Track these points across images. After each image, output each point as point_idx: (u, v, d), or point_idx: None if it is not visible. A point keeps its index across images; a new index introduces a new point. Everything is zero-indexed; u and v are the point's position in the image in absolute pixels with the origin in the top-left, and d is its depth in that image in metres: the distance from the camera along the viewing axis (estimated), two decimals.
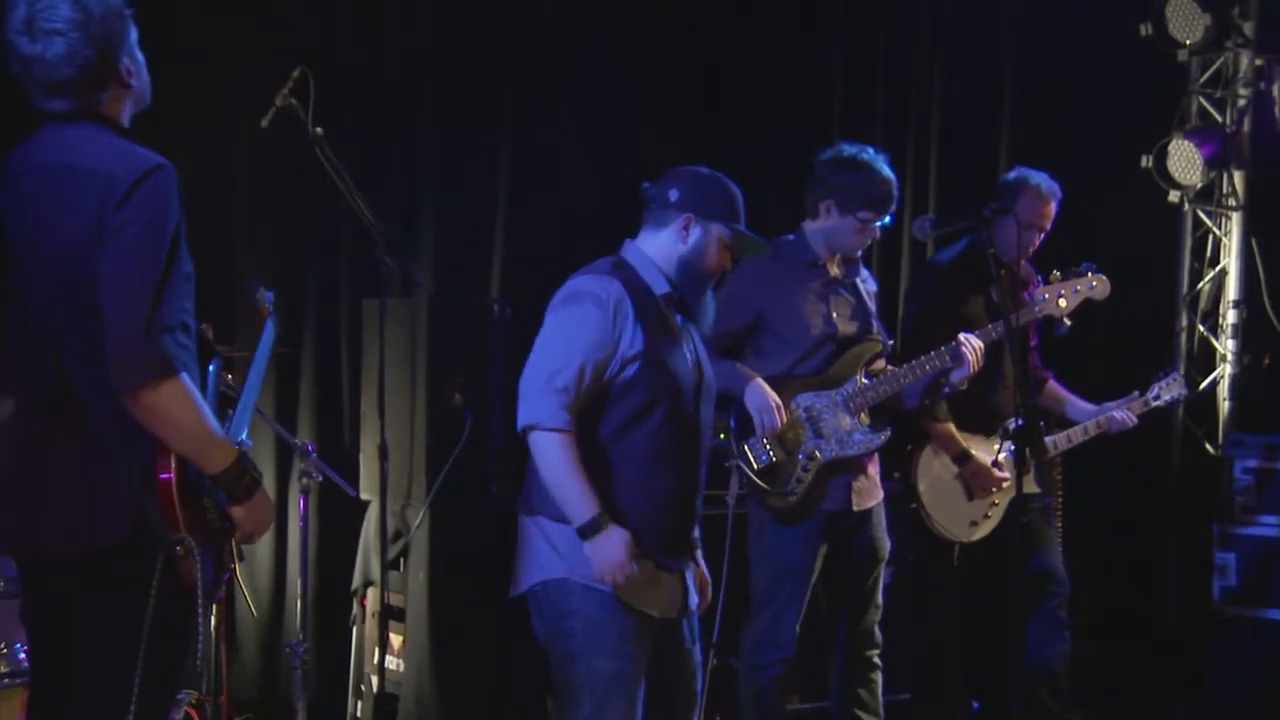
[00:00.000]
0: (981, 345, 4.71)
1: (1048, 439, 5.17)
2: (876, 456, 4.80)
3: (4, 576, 4.33)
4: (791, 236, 4.80)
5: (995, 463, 5.10)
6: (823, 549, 4.70)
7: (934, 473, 5.11)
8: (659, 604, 3.68)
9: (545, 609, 3.67)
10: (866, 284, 4.87)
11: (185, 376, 2.86)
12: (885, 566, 5.00)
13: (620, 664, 3.61)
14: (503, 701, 5.33)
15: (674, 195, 3.75)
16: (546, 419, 3.57)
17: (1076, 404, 5.40)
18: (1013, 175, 5.25)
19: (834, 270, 4.76)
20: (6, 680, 4.26)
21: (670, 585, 3.71)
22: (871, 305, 4.83)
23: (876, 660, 4.80)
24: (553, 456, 3.57)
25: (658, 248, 3.76)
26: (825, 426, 4.64)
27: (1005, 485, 5.09)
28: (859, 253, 4.81)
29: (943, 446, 5.10)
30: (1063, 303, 4.95)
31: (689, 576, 3.80)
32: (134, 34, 3.03)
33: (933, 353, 4.72)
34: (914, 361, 4.71)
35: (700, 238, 3.74)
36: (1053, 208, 5.18)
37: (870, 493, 4.76)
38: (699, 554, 3.91)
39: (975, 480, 5.08)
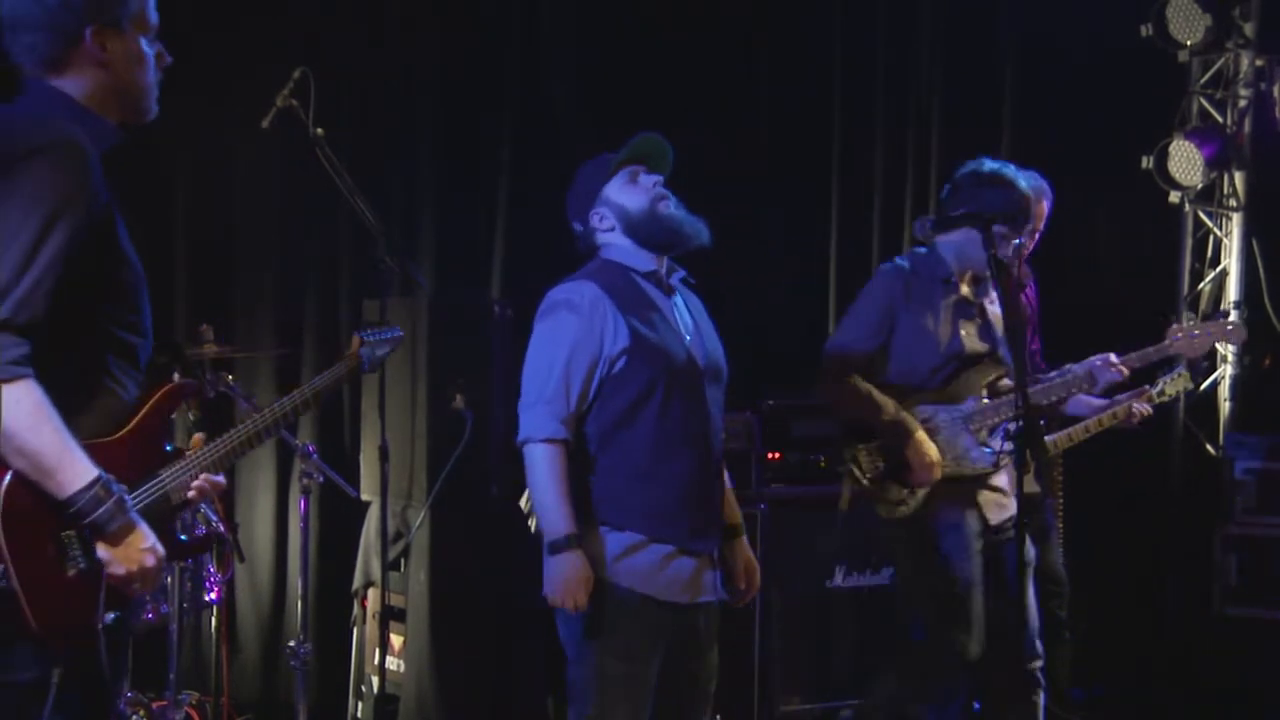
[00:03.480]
0: (1117, 362, 4.66)
1: (1048, 437, 5.15)
2: (1007, 471, 4.62)
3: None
4: (924, 250, 4.67)
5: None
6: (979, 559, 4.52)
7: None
8: (680, 588, 3.66)
9: (562, 609, 3.67)
10: (995, 305, 4.69)
11: (26, 383, 2.54)
12: (884, 567, 4.98)
13: (629, 666, 3.60)
14: (503, 701, 5.33)
15: (573, 214, 3.80)
16: (536, 431, 3.59)
17: (1084, 400, 5.38)
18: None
19: (965, 289, 4.62)
20: None
21: (695, 569, 3.69)
22: (998, 326, 4.67)
23: (1039, 675, 4.58)
24: (537, 468, 3.59)
25: (615, 238, 3.77)
26: (940, 441, 4.51)
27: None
28: (987, 271, 4.68)
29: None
30: (1197, 344, 4.88)
31: (714, 560, 3.76)
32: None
33: (1063, 378, 4.64)
34: (1041, 386, 4.62)
35: (611, 214, 3.74)
36: (1045, 207, 5.14)
37: (1000, 505, 4.58)
38: (743, 540, 3.86)
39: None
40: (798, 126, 6.85)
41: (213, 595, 5.04)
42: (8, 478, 2.58)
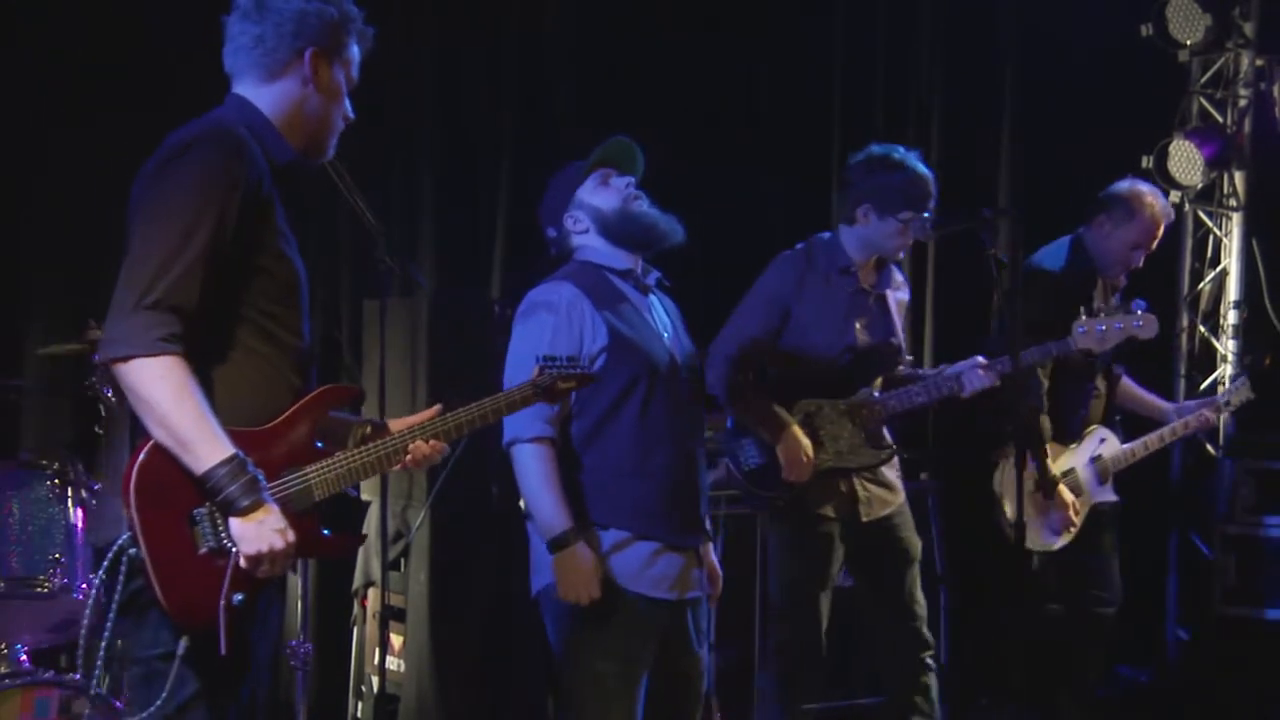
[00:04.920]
0: (986, 364, 4.60)
1: (1127, 445, 5.22)
2: (895, 462, 4.69)
3: (3, 577, 4.32)
4: (827, 235, 4.68)
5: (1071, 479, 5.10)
6: (839, 558, 4.61)
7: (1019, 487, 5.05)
8: (668, 585, 3.66)
9: (550, 611, 3.68)
10: (899, 292, 4.74)
11: (173, 359, 2.67)
12: None
13: (621, 666, 3.60)
14: (503, 701, 5.33)
15: (547, 220, 3.82)
16: (523, 431, 3.60)
17: (1157, 403, 5.46)
18: (1125, 187, 5.14)
19: (866, 277, 4.64)
20: (7, 680, 4.25)
21: (682, 565, 3.69)
22: (897, 316, 4.71)
23: (930, 662, 4.66)
24: (528, 468, 3.60)
25: (590, 239, 3.77)
26: (824, 434, 4.56)
27: (1076, 520, 5.08)
28: (900, 255, 4.69)
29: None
30: (1107, 337, 4.72)
31: (701, 557, 3.77)
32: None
33: (936, 378, 4.62)
34: (923, 383, 4.61)
35: (586, 216, 3.76)
36: (1163, 230, 5.14)
37: (883, 500, 4.66)
38: (708, 545, 3.85)
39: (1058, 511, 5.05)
40: (798, 126, 6.85)
41: None
42: (143, 453, 2.69)
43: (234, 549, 2.72)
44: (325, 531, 2.92)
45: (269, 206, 2.84)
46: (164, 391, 2.66)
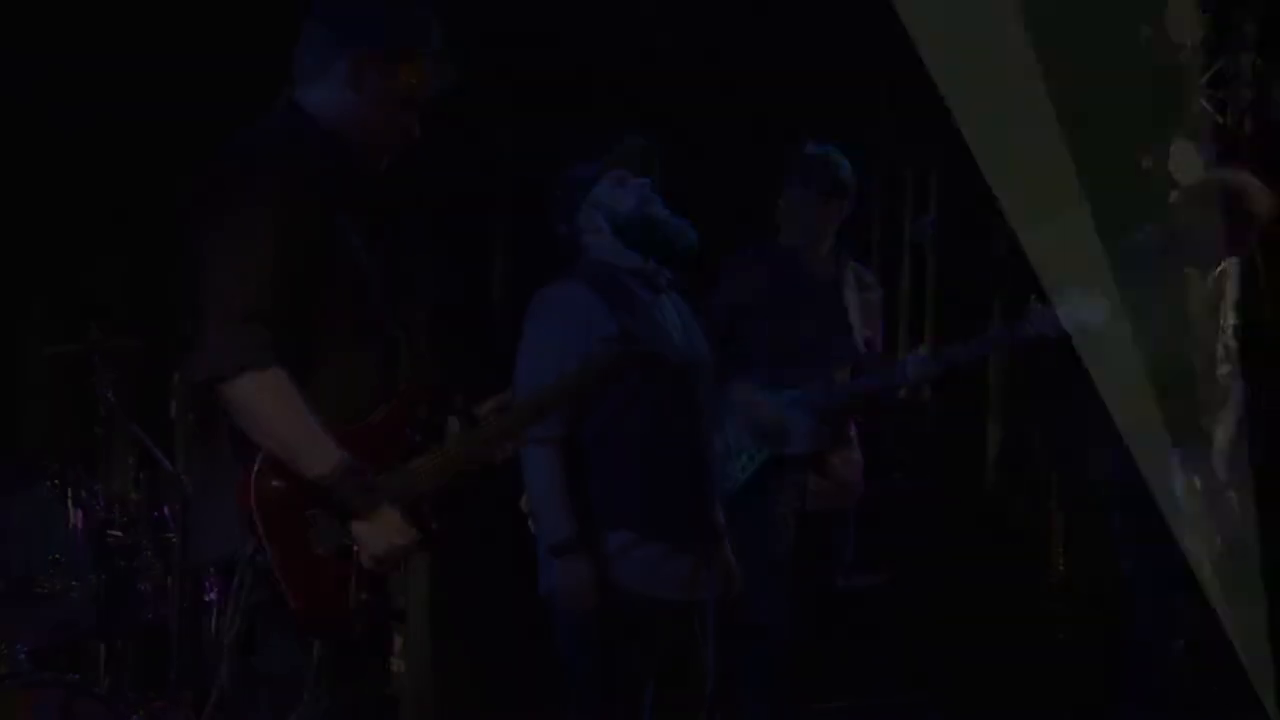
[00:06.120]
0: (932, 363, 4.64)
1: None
2: (855, 460, 4.75)
3: (3, 577, 4.32)
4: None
5: None
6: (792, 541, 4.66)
7: None
8: (676, 586, 3.66)
9: (554, 611, 3.68)
10: (865, 292, 4.82)
11: (272, 370, 2.69)
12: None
13: (625, 665, 3.62)
14: (503, 702, 5.34)
15: (559, 216, 3.83)
16: (533, 430, 3.59)
17: None
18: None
19: (816, 269, 4.75)
20: (7, 680, 4.25)
21: (691, 567, 3.69)
22: (855, 312, 4.78)
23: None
24: (535, 469, 3.61)
25: (602, 238, 3.76)
26: (768, 424, 4.61)
27: None
28: (812, 236, 4.78)
29: None
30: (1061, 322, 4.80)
31: (712, 560, 3.77)
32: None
33: (891, 365, 4.68)
34: (875, 372, 4.68)
35: (600, 215, 3.74)
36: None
37: (828, 495, 4.71)
38: (724, 544, 3.85)
39: None
40: (798, 128, 6.84)
41: (213, 595, 5.04)
42: (258, 462, 2.71)
43: (355, 548, 2.77)
44: (433, 525, 2.99)
45: (323, 205, 2.84)
46: (268, 402, 2.69)
